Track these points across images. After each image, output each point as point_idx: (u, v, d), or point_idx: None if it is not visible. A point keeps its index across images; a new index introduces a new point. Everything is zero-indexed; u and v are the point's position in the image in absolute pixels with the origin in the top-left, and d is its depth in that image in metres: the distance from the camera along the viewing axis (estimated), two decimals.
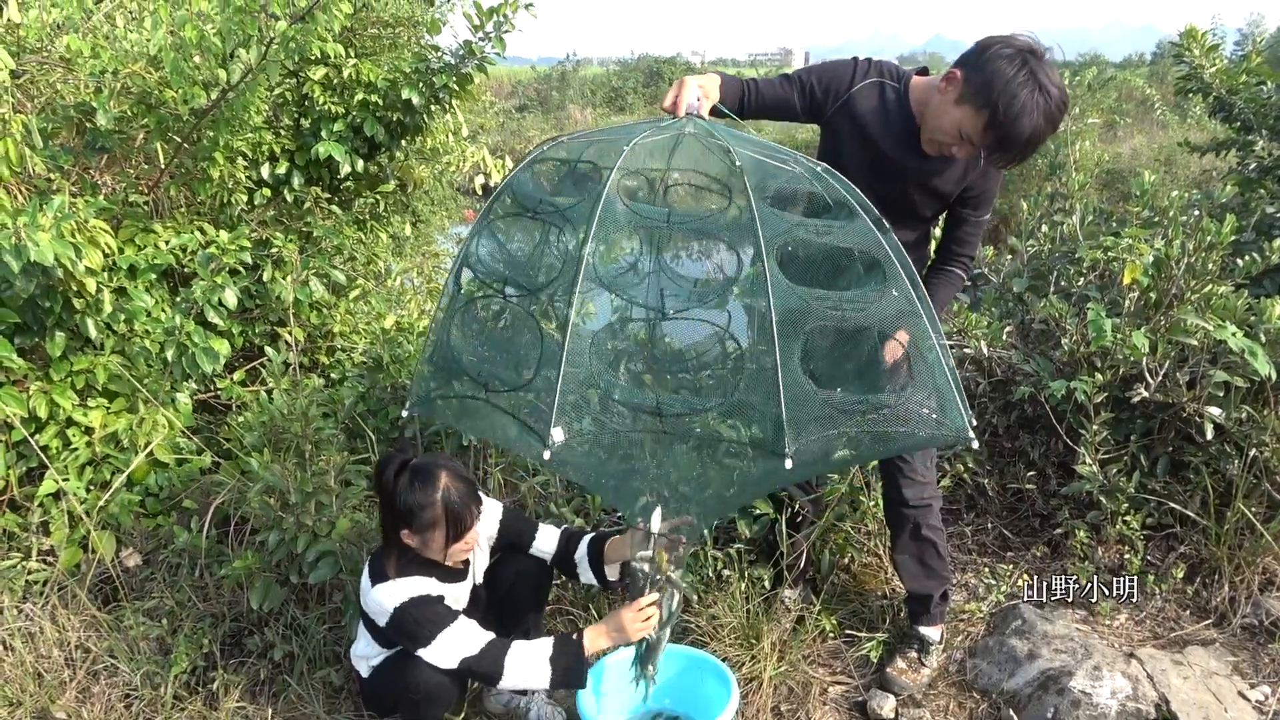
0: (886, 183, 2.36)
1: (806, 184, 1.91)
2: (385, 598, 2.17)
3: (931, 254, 2.63)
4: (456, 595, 2.31)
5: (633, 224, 1.89)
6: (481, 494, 2.33)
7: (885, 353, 1.92)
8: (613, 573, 2.43)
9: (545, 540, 2.50)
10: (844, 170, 2.22)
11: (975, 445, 1.79)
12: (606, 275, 1.90)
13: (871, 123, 2.37)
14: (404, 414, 2.14)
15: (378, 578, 2.21)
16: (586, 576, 2.48)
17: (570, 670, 2.13)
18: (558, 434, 1.69)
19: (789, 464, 1.62)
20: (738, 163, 1.80)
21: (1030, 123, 2.07)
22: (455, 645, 2.12)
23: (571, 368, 1.70)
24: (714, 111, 2.23)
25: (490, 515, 2.44)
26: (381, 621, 2.19)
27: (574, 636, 2.17)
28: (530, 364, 1.83)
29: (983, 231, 2.56)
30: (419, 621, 2.14)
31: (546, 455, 1.69)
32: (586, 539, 2.48)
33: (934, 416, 1.77)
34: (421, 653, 2.13)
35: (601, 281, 1.86)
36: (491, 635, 2.17)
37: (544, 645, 2.15)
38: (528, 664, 2.11)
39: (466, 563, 2.38)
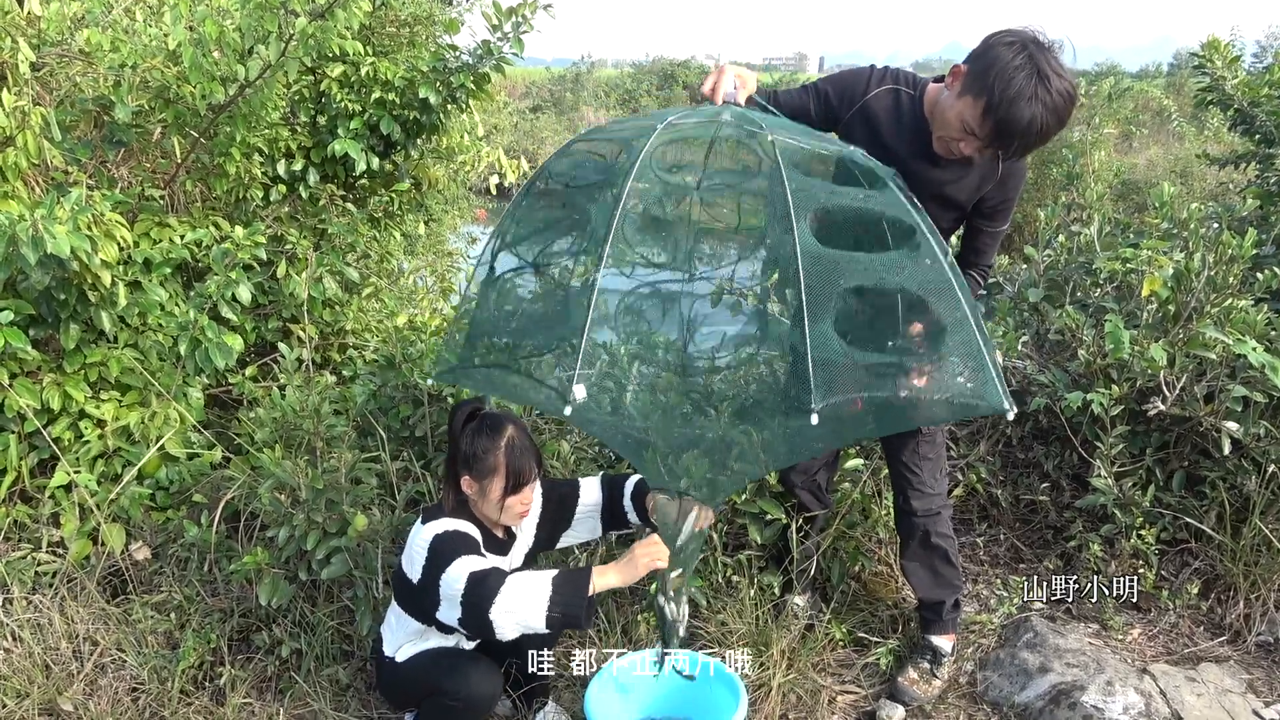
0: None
1: (832, 153, 1.94)
2: (429, 531, 2.14)
3: None
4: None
5: (665, 189, 1.92)
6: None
7: (915, 322, 1.90)
8: (652, 516, 2.37)
9: (589, 492, 2.47)
10: None
11: (1012, 415, 1.76)
12: (636, 240, 1.91)
13: (885, 127, 2.35)
14: (429, 381, 2.17)
15: (430, 518, 2.20)
16: (635, 518, 2.43)
17: (571, 600, 2.00)
18: (579, 391, 1.68)
19: (814, 419, 1.60)
20: (770, 138, 1.80)
21: (1028, 109, 2.02)
22: (468, 564, 2.04)
23: (597, 323, 1.71)
24: (749, 102, 2.24)
25: (534, 497, 2.41)
26: (418, 564, 2.13)
27: (580, 568, 2.10)
28: (557, 326, 1.86)
29: (999, 241, 2.54)
30: (450, 543, 2.10)
31: (567, 411, 1.69)
32: (629, 484, 2.44)
33: (969, 385, 1.75)
34: (442, 579, 2.06)
35: (631, 244, 1.86)
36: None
37: (547, 571, 2.06)
38: (527, 587, 2.00)
39: (512, 537, 2.36)
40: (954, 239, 2.61)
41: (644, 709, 2.42)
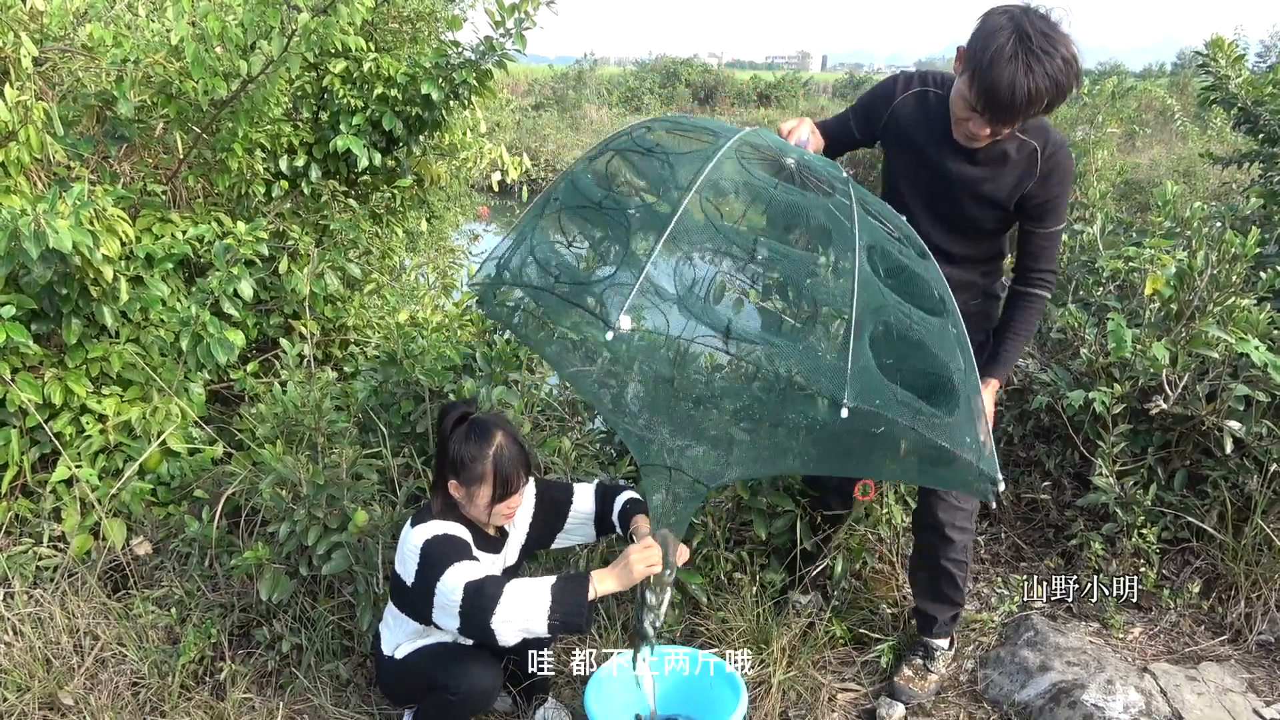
0: (939, 195, 2.36)
1: (894, 221, 2.03)
2: (418, 536, 2.13)
3: (1007, 273, 2.55)
4: (487, 565, 2.24)
5: (743, 179, 1.95)
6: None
7: (933, 381, 1.92)
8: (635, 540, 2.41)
9: (582, 500, 2.46)
10: (902, 190, 2.40)
11: (1001, 488, 1.83)
12: (711, 216, 1.92)
13: (915, 130, 2.36)
14: (464, 288, 2.20)
15: (418, 521, 2.19)
16: (620, 532, 2.44)
17: (571, 607, 2.01)
18: (625, 321, 1.67)
19: (844, 412, 1.61)
20: (843, 174, 1.94)
21: (1007, 69, 1.97)
22: (463, 573, 2.03)
23: (655, 269, 1.72)
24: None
25: (526, 495, 2.40)
26: (410, 568, 2.12)
27: (578, 574, 2.09)
28: (609, 264, 1.90)
29: (1057, 244, 2.43)
30: (444, 553, 2.09)
31: (609, 335, 1.69)
32: (619, 501, 2.45)
33: (974, 445, 1.79)
34: (436, 587, 2.04)
35: (706, 216, 1.87)
36: (498, 575, 2.11)
37: (546, 579, 2.05)
38: (527, 595, 2.00)
39: (504, 535, 2.36)
40: (1004, 245, 2.54)
41: (644, 706, 2.42)
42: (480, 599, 1.99)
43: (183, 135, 3.35)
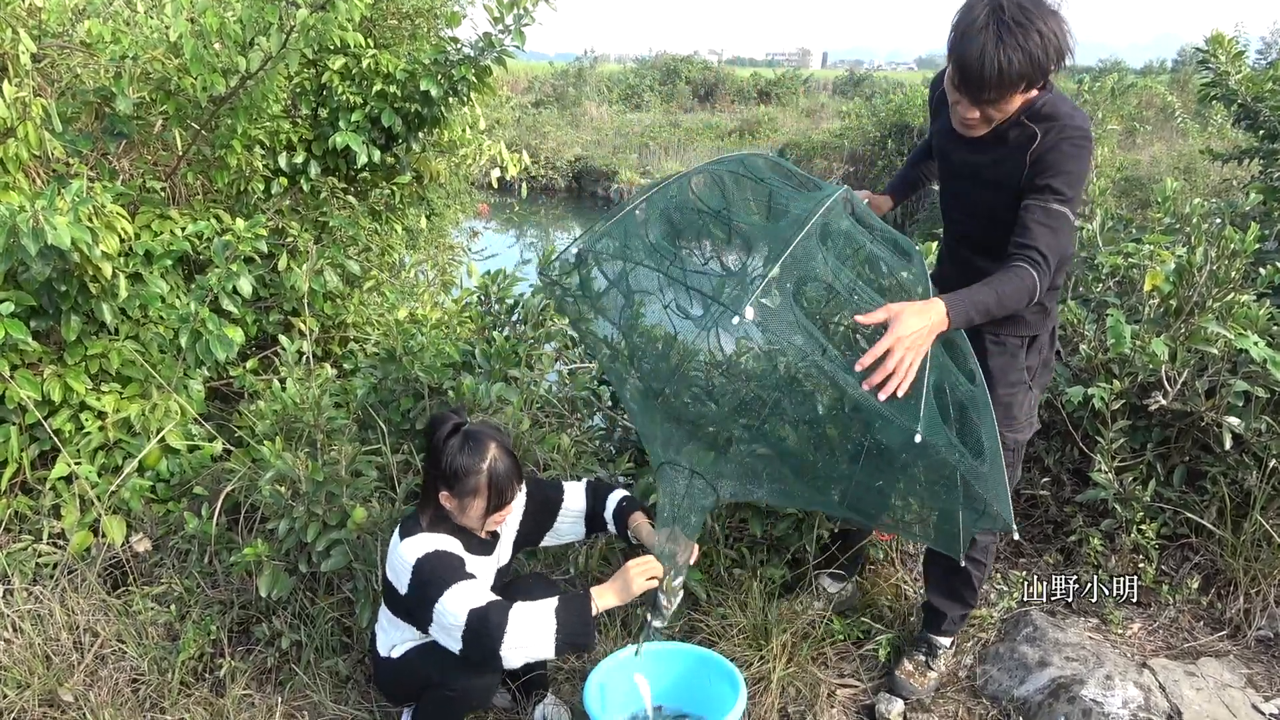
0: (959, 187, 2.38)
1: None
2: (410, 551, 2.12)
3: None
4: (480, 569, 2.26)
5: (848, 226, 2.08)
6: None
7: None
8: (635, 538, 2.43)
9: (573, 499, 2.48)
10: (941, 186, 2.49)
11: (1015, 536, 2.08)
12: (821, 248, 1.99)
13: (943, 131, 2.37)
14: (567, 254, 2.29)
15: (407, 533, 2.18)
16: (614, 529, 2.47)
17: (576, 627, 2.03)
18: (750, 312, 1.70)
19: (918, 437, 1.71)
20: (916, 248, 2.17)
21: (977, 41, 1.94)
22: (465, 597, 2.03)
23: (784, 270, 1.81)
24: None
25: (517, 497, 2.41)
26: (404, 581, 2.12)
27: (579, 593, 2.10)
28: (722, 262, 2.08)
29: (1042, 220, 2.08)
30: (436, 571, 2.08)
31: (735, 320, 1.74)
32: (611, 500, 2.46)
33: (996, 492, 1.94)
34: (435, 609, 2.04)
35: (819, 245, 1.93)
36: (498, 597, 2.10)
37: (548, 602, 2.06)
38: (532, 620, 2.01)
39: (495, 536, 2.35)
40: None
41: (643, 702, 2.42)
42: (485, 626, 1.99)
43: (181, 132, 3.35)
